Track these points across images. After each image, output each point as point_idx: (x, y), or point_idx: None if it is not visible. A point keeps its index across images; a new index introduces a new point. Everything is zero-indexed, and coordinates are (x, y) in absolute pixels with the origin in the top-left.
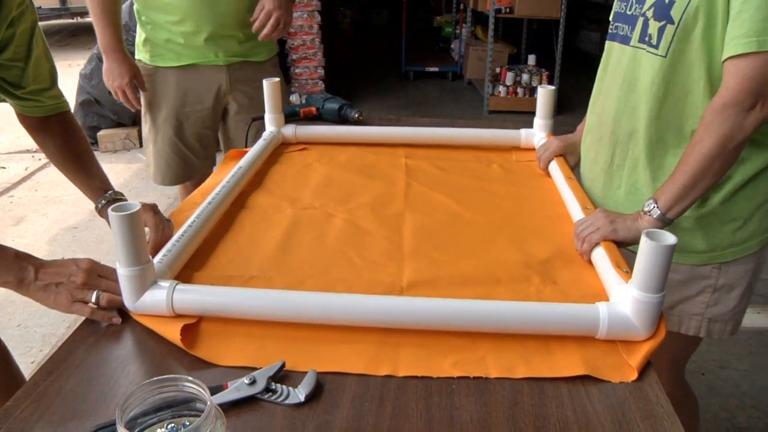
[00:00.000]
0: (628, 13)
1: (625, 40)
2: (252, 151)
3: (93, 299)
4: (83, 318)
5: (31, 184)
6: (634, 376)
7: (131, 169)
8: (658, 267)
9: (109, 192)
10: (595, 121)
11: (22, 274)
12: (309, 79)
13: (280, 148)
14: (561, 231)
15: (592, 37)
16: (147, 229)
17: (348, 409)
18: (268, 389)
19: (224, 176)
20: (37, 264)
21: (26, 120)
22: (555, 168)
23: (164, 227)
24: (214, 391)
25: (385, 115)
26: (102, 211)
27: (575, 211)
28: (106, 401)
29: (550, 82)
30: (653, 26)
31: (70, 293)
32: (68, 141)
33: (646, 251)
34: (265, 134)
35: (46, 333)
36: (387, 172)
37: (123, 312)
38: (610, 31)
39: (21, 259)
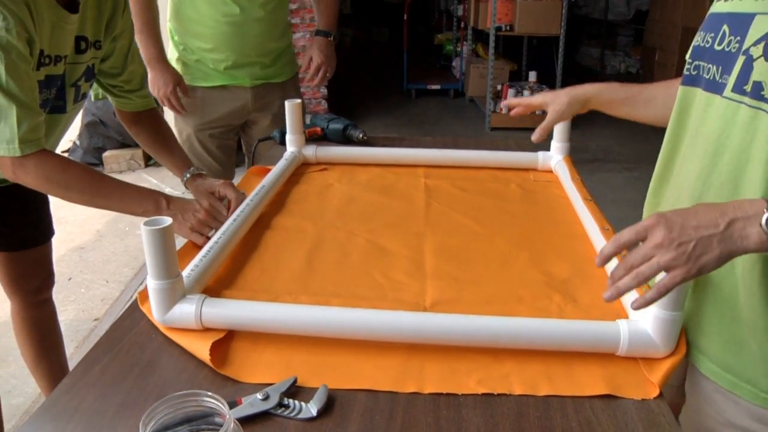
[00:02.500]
0: (718, 48)
1: (713, 86)
2: (274, 171)
3: (209, 233)
4: (95, 335)
5: None
6: (656, 392)
7: None
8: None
9: (191, 168)
10: (670, 190)
11: (158, 202)
12: (312, 99)
13: (301, 168)
14: (580, 251)
15: (592, 53)
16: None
17: (359, 423)
18: (281, 404)
19: (247, 194)
20: (168, 197)
21: (123, 114)
22: (572, 189)
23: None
24: (228, 406)
25: (389, 134)
26: (187, 183)
27: (593, 231)
28: (123, 418)
29: None
30: (762, 70)
31: (192, 225)
32: (157, 132)
33: None
34: (287, 154)
35: None
36: (407, 192)
37: (137, 330)
38: (686, 72)
39: (155, 192)
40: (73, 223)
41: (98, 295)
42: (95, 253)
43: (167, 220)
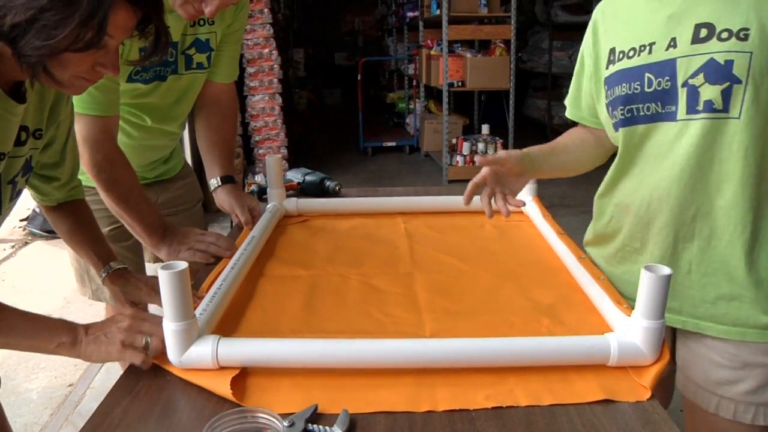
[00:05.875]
0: (648, 90)
1: (658, 117)
2: (261, 223)
3: (143, 343)
4: (70, 401)
5: None
6: (648, 394)
7: None
8: (659, 295)
9: (111, 263)
10: (632, 209)
11: (75, 333)
12: None
13: (283, 221)
14: (560, 279)
15: (539, 104)
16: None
17: None
18: (306, 430)
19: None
20: (85, 325)
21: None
22: (545, 225)
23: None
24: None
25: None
26: (106, 281)
27: (571, 261)
28: None
29: (505, 149)
30: (711, 91)
31: (120, 340)
32: (77, 224)
33: (647, 283)
34: (270, 207)
35: (27, 422)
36: (389, 238)
37: (151, 373)
38: (620, 117)
39: (69, 323)
40: (36, 292)
41: (71, 360)
42: None
43: (183, 264)
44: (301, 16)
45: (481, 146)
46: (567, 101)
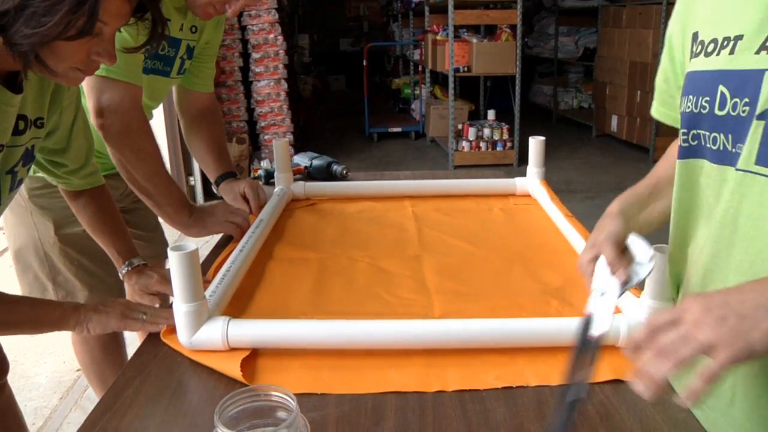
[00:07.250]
0: (720, 113)
1: (725, 157)
2: (268, 206)
3: (140, 317)
4: (79, 385)
5: None
6: None
7: None
8: (665, 275)
9: (132, 259)
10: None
11: (77, 305)
12: None
13: (291, 204)
14: (569, 262)
15: (545, 90)
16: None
17: (393, 421)
18: None
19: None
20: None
21: (63, 190)
22: (553, 208)
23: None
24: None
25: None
26: (125, 276)
27: (579, 244)
28: None
29: (511, 134)
30: None
31: (119, 311)
32: (98, 212)
33: (656, 263)
34: (277, 191)
35: (37, 406)
36: (397, 221)
37: (161, 355)
38: (683, 144)
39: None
40: None
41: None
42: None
43: (192, 245)
44: (306, 1)
45: (487, 132)
46: (656, 94)
